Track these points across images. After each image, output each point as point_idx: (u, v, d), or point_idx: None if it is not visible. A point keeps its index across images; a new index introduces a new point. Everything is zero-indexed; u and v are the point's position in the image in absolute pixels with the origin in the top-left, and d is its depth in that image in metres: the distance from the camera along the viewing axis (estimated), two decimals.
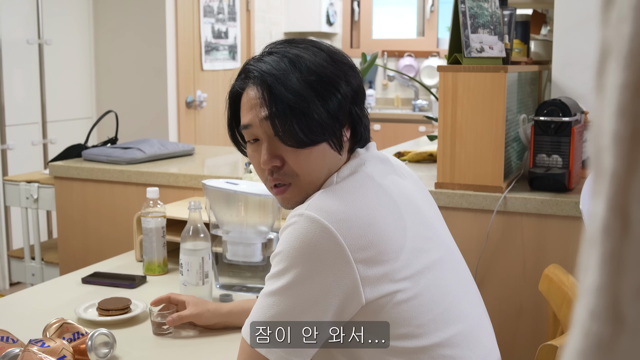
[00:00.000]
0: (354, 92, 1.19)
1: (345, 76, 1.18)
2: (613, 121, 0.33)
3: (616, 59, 0.33)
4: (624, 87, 0.32)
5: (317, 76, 1.14)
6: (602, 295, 0.33)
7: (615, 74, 0.33)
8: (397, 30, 6.22)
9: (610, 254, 0.33)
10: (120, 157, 2.57)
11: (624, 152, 0.33)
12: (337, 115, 1.15)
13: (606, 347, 0.33)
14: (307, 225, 1.07)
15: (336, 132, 1.16)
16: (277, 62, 1.16)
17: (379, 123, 5.56)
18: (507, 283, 1.95)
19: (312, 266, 1.06)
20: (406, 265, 1.11)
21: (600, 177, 0.34)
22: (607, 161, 0.33)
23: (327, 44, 1.23)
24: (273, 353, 1.08)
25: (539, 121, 1.96)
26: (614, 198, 0.33)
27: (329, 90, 1.15)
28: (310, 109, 1.13)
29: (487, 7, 1.93)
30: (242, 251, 1.71)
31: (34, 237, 2.82)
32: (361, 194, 1.13)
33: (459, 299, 1.18)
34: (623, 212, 0.33)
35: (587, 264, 0.34)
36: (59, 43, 4.13)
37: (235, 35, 5.09)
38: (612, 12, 0.34)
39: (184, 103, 4.55)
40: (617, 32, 0.33)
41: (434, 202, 1.32)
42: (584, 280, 0.35)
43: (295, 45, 1.19)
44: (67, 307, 1.63)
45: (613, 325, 0.33)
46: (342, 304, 1.08)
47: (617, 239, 0.33)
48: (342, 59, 1.21)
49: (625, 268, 0.32)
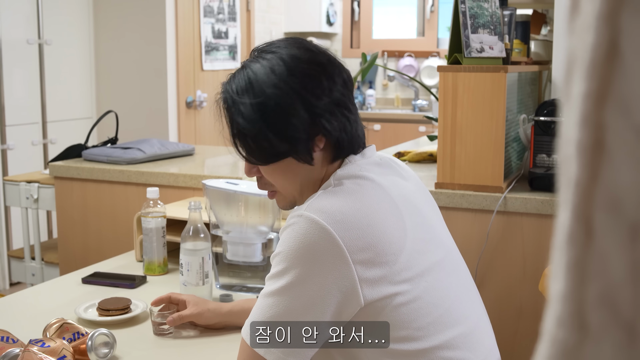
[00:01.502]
0: (323, 106, 1.16)
1: (308, 91, 1.15)
2: (576, 130, 0.33)
3: (579, 68, 0.33)
4: (586, 97, 0.33)
5: (267, 99, 1.15)
6: (568, 303, 0.33)
7: (579, 83, 0.33)
8: (397, 30, 6.22)
9: (575, 262, 0.33)
10: (120, 157, 2.57)
11: (586, 161, 0.33)
12: (292, 135, 1.15)
13: (571, 354, 0.33)
14: (306, 226, 1.07)
15: (297, 148, 1.16)
16: (239, 81, 1.19)
17: (379, 123, 5.57)
18: (507, 283, 1.95)
19: (311, 267, 1.07)
20: (406, 267, 1.10)
21: (565, 186, 0.34)
22: (571, 170, 0.34)
23: (305, 48, 1.20)
24: (272, 353, 1.09)
25: (539, 121, 1.96)
26: (578, 207, 0.33)
27: (279, 114, 1.15)
28: (260, 134, 1.16)
29: (487, 7, 1.93)
30: (242, 251, 1.71)
31: (34, 237, 2.82)
32: (361, 194, 1.13)
33: (458, 301, 1.18)
34: (586, 221, 0.33)
35: (555, 271, 0.35)
36: (59, 43, 4.13)
37: (236, 35, 5.09)
38: (577, 21, 0.34)
39: (184, 103, 4.55)
40: (581, 41, 0.33)
41: (435, 204, 1.32)
42: (552, 287, 0.35)
43: (264, 55, 1.19)
44: (67, 307, 1.63)
45: (578, 332, 0.33)
46: (340, 305, 1.08)
47: (581, 247, 0.33)
48: (310, 70, 1.17)
49: (589, 276, 0.33)
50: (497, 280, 1.95)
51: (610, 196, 0.32)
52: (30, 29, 3.96)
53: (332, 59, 1.22)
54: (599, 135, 0.32)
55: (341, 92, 1.19)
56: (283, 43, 1.22)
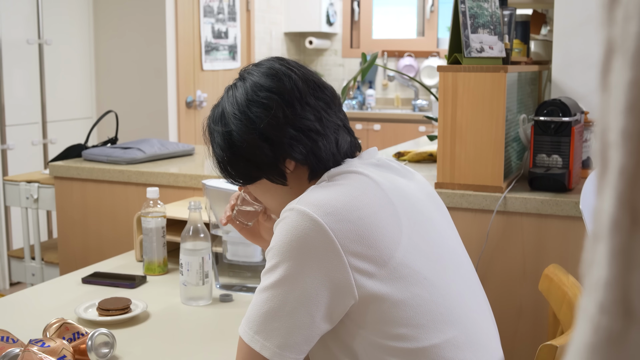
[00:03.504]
0: (284, 135, 1.19)
1: (263, 122, 1.19)
2: (621, 118, 0.33)
3: (623, 57, 0.34)
4: (632, 85, 0.33)
5: (231, 129, 1.22)
6: (612, 290, 0.33)
7: (622, 71, 0.34)
8: (397, 30, 6.22)
9: (620, 249, 0.33)
10: (120, 157, 2.57)
11: (632, 148, 0.33)
12: (259, 161, 1.21)
13: (616, 340, 0.33)
14: (297, 219, 1.08)
15: (267, 172, 1.22)
16: (216, 109, 1.27)
17: (379, 123, 5.57)
18: (507, 283, 1.95)
19: (303, 260, 1.07)
20: (402, 263, 1.10)
21: (606, 173, 0.34)
22: (615, 157, 0.34)
23: (272, 75, 1.22)
24: (268, 349, 1.09)
25: (539, 121, 1.96)
26: (624, 193, 0.33)
27: (243, 143, 1.21)
28: (232, 160, 1.24)
29: (487, 7, 1.93)
30: (242, 251, 1.71)
31: (34, 237, 2.82)
32: (353, 188, 1.14)
33: (461, 300, 1.17)
34: (632, 207, 0.33)
35: (595, 259, 0.35)
36: (59, 43, 4.13)
37: (235, 36, 5.09)
38: (617, 11, 0.34)
39: (184, 103, 4.55)
40: (623, 31, 0.34)
41: (441, 204, 1.31)
42: (591, 275, 0.35)
43: (238, 82, 1.26)
44: (67, 307, 1.63)
45: (623, 318, 0.33)
46: (334, 298, 1.08)
47: (627, 234, 0.33)
48: (268, 100, 1.20)
49: (635, 262, 0.33)
50: (497, 280, 1.95)
51: None
52: (30, 29, 3.96)
53: (299, 84, 1.22)
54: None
55: (306, 117, 1.20)
56: (257, 70, 1.26)
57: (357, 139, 1.31)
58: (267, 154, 1.20)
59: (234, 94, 1.24)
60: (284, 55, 4.35)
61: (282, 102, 1.20)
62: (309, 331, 1.09)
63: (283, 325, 1.08)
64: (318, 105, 1.22)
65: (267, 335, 1.09)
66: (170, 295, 1.74)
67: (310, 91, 1.23)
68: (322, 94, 1.24)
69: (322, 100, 1.24)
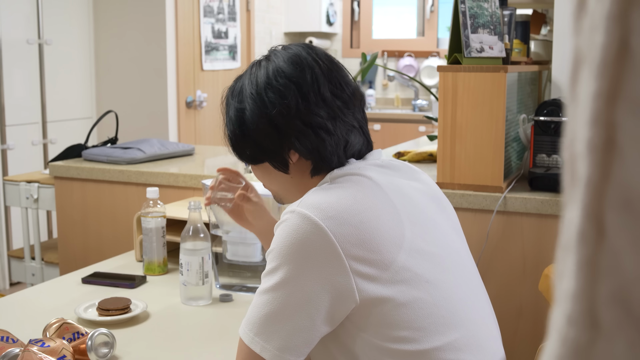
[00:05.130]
0: (292, 126, 1.19)
1: (276, 108, 1.19)
2: (587, 129, 0.33)
3: (589, 67, 0.33)
4: (597, 96, 0.33)
5: (245, 107, 1.22)
6: (579, 301, 0.33)
7: (589, 82, 0.33)
8: (397, 30, 6.22)
9: (586, 261, 0.33)
10: (120, 157, 2.57)
11: (597, 159, 0.33)
12: (263, 145, 1.22)
13: (583, 352, 0.33)
14: (298, 222, 1.08)
15: (271, 157, 1.23)
16: (236, 83, 1.28)
17: (379, 123, 5.57)
18: (507, 283, 1.95)
19: (303, 263, 1.07)
20: (405, 266, 1.10)
21: (574, 184, 0.34)
22: (582, 169, 0.34)
23: (295, 63, 1.21)
24: (268, 351, 1.08)
25: (539, 121, 1.96)
26: (589, 205, 0.33)
27: (252, 124, 1.22)
28: (238, 136, 1.25)
29: (487, 7, 1.93)
30: (242, 251, 1.71)
31: (34, 237, 2.82)
32: (355, 191, 1.13)
33: (463, 302, 1.16)
34: (598, 219, 0.33)
35: (563, 270, 0.35)
36: (59, 43, 4.13)
37: (235, 36, 5.09)
38: (584, 21, 0.34)
39: (184, 103, 4.55)
40: (589, 41, 0.34)
41: (448, 205, 1.30)
42: (560, 286, 0.35)
43: (265, 61, 1.25)
44: (67, 307, 1.63)
45: (589, 330, 0.33)
46: (335, 301, 1.08)
47: (593, 246, 0.33)
48: (284, 88, 1.19)
49: (601, 274, 0.33)
50: (497, 280, 1.95)
51: (622, 195, 0.32)
52: (30, 29, 3.96)
53: (320, 78, 1.21)
54: (610, 133, 0.32)
55: (318, 114, 1.19)
56: (284, 53, 1.24)
57: (371, 142, 1.28)
58: (273, 141, 1.21)
59: (256, 72, 1.24)
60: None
61: (298, 93, 1.19)
62: (309, 334, 1.09)
63: (283, 328, 1.08)
64: (334, 104, 1.20)
65: (267, 337, 1.09)
66: (170, 295, 1.74)
67: (330, 87, 1.21)
68: (342, 92, 1.22)
69: (340, 98, 1.21)
